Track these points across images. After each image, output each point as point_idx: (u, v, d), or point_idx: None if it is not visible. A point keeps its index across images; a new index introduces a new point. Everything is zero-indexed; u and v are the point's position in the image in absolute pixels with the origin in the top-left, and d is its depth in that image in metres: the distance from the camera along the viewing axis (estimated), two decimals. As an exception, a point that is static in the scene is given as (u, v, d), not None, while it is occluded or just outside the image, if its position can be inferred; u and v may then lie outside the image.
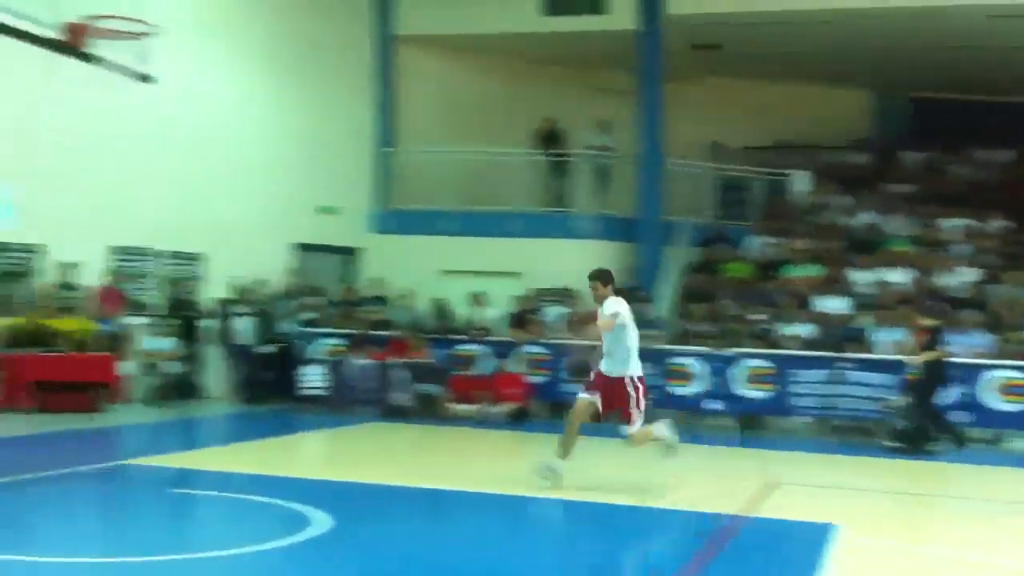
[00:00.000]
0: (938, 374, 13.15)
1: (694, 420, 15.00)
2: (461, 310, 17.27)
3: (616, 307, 9.52)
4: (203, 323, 16.32)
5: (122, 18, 9.16)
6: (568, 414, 9.77)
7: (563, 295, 17.29)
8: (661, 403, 14.99)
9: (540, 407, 15.61)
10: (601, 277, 9.74)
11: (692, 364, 14.85)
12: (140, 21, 9.16)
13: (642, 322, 15.84)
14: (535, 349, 15.75)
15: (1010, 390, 13.65)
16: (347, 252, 19.61)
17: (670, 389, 14.86)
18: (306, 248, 18.65)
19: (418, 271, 18.31)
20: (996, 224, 17.88)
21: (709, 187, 19.82)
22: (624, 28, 19.13)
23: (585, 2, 19.43)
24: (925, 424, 13.05)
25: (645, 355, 14.88)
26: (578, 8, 19.45)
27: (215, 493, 9.24)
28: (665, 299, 17.81)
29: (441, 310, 17.29)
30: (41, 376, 13.51)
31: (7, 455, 11.11)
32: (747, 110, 21.76)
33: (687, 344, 15.39)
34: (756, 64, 20.94)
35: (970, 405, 13.71)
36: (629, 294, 17.06)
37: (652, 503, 9.17)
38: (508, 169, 19.18)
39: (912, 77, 20.94)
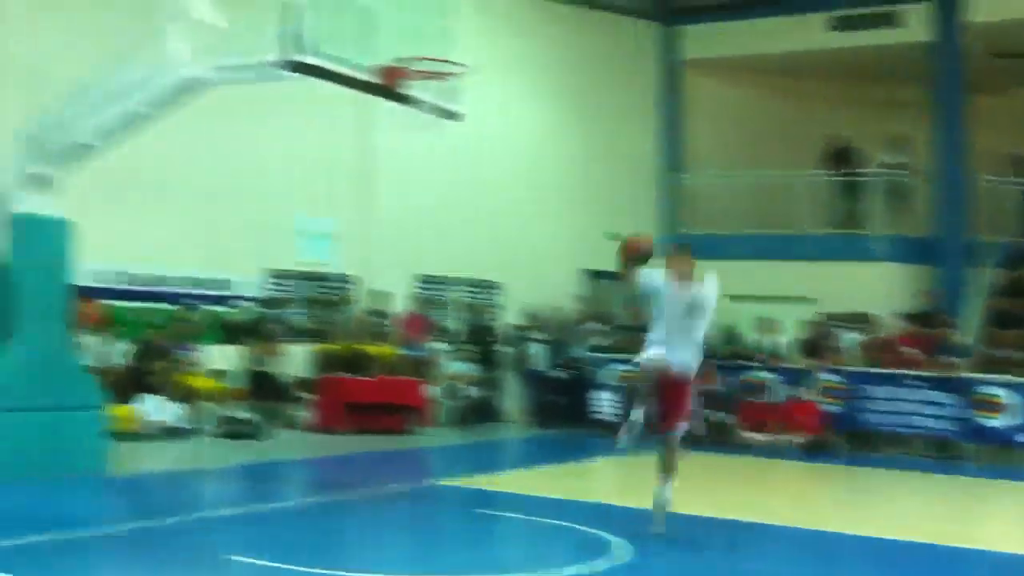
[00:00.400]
0: None
1: (1005, 455, 14.15)
2: (750, 336, 17.08)
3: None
4: (500, 348, 16.98)
5: (432, 59, 9.39)
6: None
7: (858, 320, 16.76)
8: (967, 436, 14.29)
9: (836, 437, 15.18)
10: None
11: (1003, 394, 14.00)
12: (450, 62, 9.46)
13: (944, 348, 15.27)
14: (830, 376, 15.36)
15: None
16: (636, 277, 19.82)
17: (978, 421, 14.09)
18: (596, 274, 19.05)
19: (706, 296, 18.26)
20: None
21: (1017, 204, 18.66)
22: (918, 40, 18.41)
23: (875, 16, 18.86)
24: None
25: (949, 384, 14.38)
26: (868, 23, 18.91)
27: (516, 515, 9.56)
28: (969, 324, 16.90)
29: (730, 336, 17.16)
30: (356, 399, 14.43)
31: (326, 474, 12.02)
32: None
33: (995, 372, 14.55)
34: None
35: None
36: (929, 319, 16.43)
37: (953, 542, 8.76)
38: (797, 190, 18.84)
39: None
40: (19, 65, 12.87)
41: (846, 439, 15.04)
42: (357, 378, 14.65)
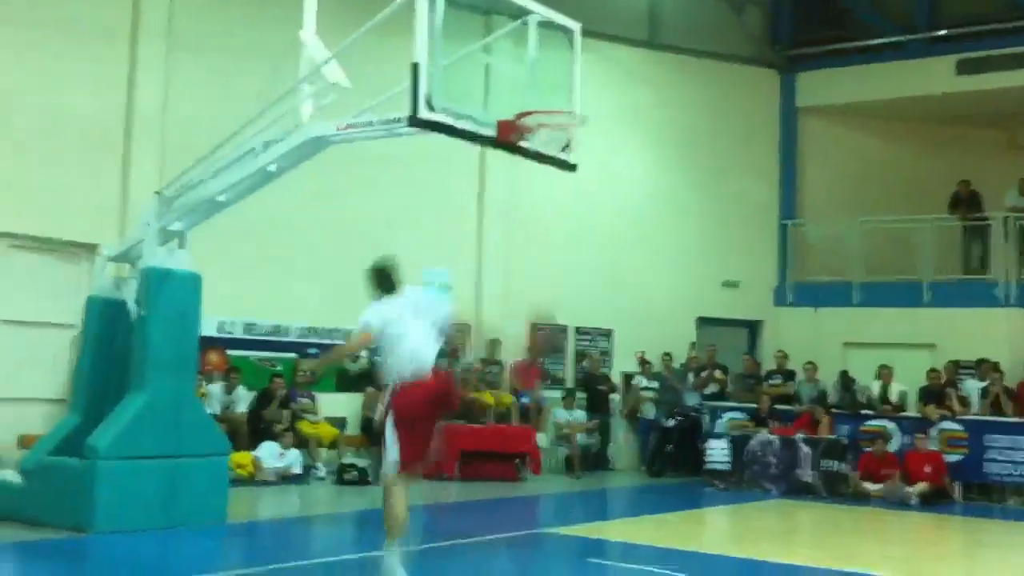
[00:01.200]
0: None
1: None
2: (868, 384, 16.74)
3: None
4: (611, 396, 17.00)
5: (551, 112, 9.32)
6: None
7: (982, 368, 16.28)
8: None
9: (956, 488, 14.76)
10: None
11: None
12: (568, 113, 9.49)
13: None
14: (950, 426, 14.97)
15: None
16: (750, 325, 19.68)
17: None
18: (710, 322, 18.95)
19: (823, 344, 18.03)
20: None
21: None
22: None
23: (1003, 58, 18.41)
24: None
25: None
26: (995, 65, 18.48)
27: (625, 564, 9.54)
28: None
29: (847, 384, 16.86)
30: (468, 446, 14.56)
31: (436, 521, 12.16)
32: None
33: None
34: None
35: None
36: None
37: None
38: (919, 236, 18.46)
39: None
40: (153, 125, 13.59)
41: (964, 489, 14.63)
42: (469, 425, 14.82)
